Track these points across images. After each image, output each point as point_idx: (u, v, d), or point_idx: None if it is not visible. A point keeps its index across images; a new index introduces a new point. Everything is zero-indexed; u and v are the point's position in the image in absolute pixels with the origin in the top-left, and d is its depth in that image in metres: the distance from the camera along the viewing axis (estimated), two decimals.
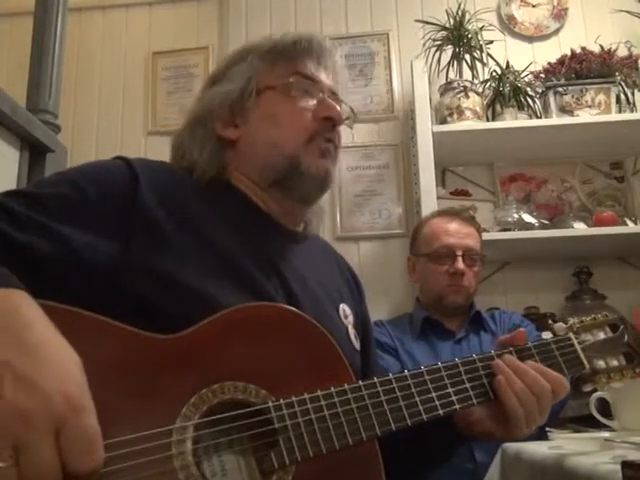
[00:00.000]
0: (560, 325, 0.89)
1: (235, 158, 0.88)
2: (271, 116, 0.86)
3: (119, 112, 2.57)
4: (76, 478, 0.47)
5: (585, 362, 0.85)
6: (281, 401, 0.65)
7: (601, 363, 0.87)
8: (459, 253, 1.68)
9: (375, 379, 0.71)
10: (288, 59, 0.89)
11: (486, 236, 1.87)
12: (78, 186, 0.73)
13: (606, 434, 1.11)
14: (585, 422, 1.65)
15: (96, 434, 0.49)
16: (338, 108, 0.88)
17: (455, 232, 1.72)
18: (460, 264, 1.67)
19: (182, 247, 0.74)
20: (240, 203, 0.87)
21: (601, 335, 0.90)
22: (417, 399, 0.72)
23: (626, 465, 0.60)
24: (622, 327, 0.91)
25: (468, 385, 0.77)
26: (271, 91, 0.87)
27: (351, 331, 0.89)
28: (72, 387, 0.49)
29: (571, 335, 0.87)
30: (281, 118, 0.86)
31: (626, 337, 0.90)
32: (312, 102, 0.87)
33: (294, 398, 0.65)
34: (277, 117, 0.86)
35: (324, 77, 0.91)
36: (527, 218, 2.14)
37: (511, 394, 0.75)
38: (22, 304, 0.54)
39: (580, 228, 2.10)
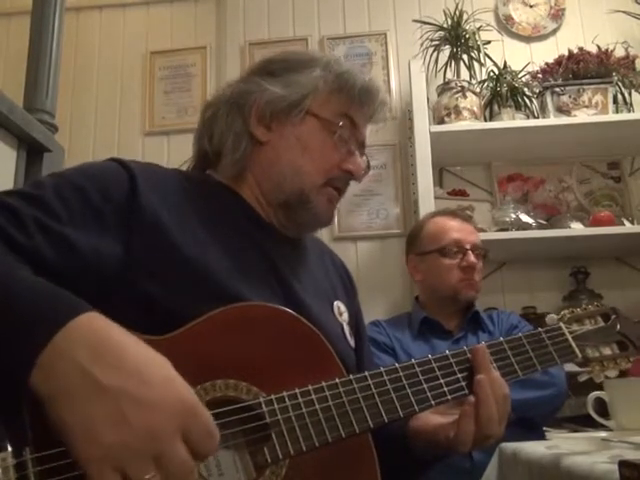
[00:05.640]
0: (552, 317, 0.88)
1: (255, 161, 0.89)
2: (305, 143, 0.87)
3: (116, 111, 2.57)
4: (202, 458, 0.55)
5: (577, 350, 0.85)
6: (272, 396, 0.65)
7: (594, 352, 0.87)
8: (468, 247, 1.70)
9: (366, 373, 0.72)
10: (348, 98, 0.89)
11: (484, 236, 1.87)
12: (80, 188, 0.73)
13: (603, 434, 1.11)
14: (582, 422, 1.66)
15: (211, 420, 0.55)
16: (362, 166, 0.91)
17: (461, 229, 1.73)
18: (472, 257, 1.68)
19: (183, 246, 0.74)
20: (238, 206, 0.88)
21: (593, 325, 0.89)
22: (408, 391, 0.73)
23: (623, 465, 0.60)
24: (614, 317, 0.90)
25: (459, 376, 0.77)
26: (317, 119, 0.88)
27: (346, 328, 0.91)
28: (182, 390, 0.54)
29: (561, 325, 0.87)
30: (313, 151, 0.87)
31: (618, 326, 0.89)
32: (344, 149, 0.89)
33: (285, 393, 0.66)
34: (310, 148, 0.87)
35: (366, 130, 0.93)
36: (524, 218, 2.14)
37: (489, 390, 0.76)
38: (108, 328, 0.56)
39: (577, 228, 2.10)
